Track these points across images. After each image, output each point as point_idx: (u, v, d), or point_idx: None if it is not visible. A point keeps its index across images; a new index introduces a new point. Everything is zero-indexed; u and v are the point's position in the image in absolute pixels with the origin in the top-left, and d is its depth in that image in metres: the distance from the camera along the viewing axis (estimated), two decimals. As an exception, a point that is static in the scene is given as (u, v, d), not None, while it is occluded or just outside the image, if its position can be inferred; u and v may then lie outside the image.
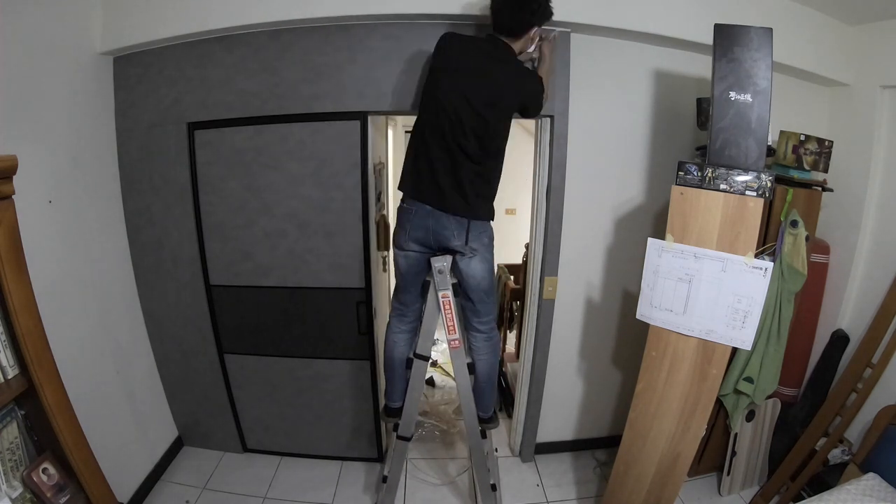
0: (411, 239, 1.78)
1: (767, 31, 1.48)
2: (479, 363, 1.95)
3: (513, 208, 4.67)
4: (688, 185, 1.57)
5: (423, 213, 1.73)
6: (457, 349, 1.88)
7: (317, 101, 2.07)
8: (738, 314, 1.55)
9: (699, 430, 1.71)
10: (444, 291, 1.78)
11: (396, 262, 1.86)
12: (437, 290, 1.78)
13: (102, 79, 2.10)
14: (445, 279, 1.76)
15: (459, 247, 1.75)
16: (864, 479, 1.82)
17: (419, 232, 1.75)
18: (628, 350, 2.51)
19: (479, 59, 1.68)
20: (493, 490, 2.10)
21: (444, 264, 1.75)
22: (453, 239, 1.73)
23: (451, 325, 1.83)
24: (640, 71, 2.18)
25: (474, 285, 1.81)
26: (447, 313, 1.81)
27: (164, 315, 2.42)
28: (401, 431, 2.04)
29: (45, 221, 1.78)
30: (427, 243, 1.78)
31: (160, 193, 2.25)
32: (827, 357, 2.36)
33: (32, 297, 1.27)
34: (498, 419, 2.16)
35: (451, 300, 1.79)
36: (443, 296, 1.78)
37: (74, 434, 1.37)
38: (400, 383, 1.99)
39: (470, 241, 1.73)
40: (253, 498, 2.36)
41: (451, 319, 1.82)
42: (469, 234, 1.73)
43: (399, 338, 1.97)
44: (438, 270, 1.75)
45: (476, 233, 1.75)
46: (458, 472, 2.58)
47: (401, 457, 2.08)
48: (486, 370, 1.96)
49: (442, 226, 1.72)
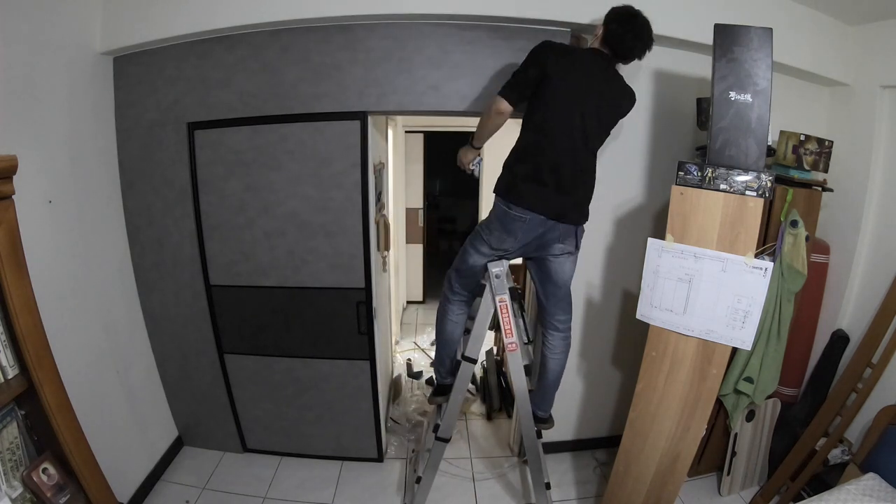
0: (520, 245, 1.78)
1: (767, 31, 1.48)
2: (553, 361, 1.96)
3: (513, 208, 4.66)
4: (688, 185, 1.57)
5: (537, 223, 1.72)
6: (514, 352, 1.89)
7: (317, 101, 2.07)
8: (738, 314, 1.55)
9: (699, 430, 1.71)
10: (502, 296, 1.80)
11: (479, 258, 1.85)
12: (495, 294, 1.80)
13: (102, 79, 2.10)
14: (503, 284, 1.79)
15: (561, 250, 1.77)
16: (864, 479, 1.82)
17: (529, 240, 1.76)
18: (628, 350, 2.51)
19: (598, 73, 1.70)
20: (548, 489, 2.12)
21: (502, 269, 1.79)
22: (559, 245, 1.76)
23: (508, 329, 1.85)
24: (640, 71, 2.18)
25: (563, 284, 1.85)
26: (504, 317, 1.82)
27: (164, 315, 2.42)
28: (440, 433, 2.05)
29: (45, 221, 1.78)
30: (528, 250, 1.80)
31: (160, 193, 2.25)
32: (827, 357, 2.36)
33: (32, 297, 1.27)
34: (553, 419, 2.17)
35: (508, 304, 1.81)
36: (500, 300, 1.81)
37: (74, 434, 1.37)
38: (454, 360, 2.03)
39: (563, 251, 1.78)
40: (253, 498, 2.36)
41: (508, 322, 1.83)
42: (577, 240, 1.79)
43: (461, 319, 2.01)
44: (496, 276, 1.77)
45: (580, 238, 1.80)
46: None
47: (437, 459, 2.09)
48: (557, 369, 1.98)
49: (554, 235, 1.75)
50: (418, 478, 2.15)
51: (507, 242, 1.77)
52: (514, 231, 1.74)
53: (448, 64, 2.03)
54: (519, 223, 1.72)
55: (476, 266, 1.86)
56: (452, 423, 2.04)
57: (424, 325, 4.60)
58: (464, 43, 2.01)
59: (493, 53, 2.03)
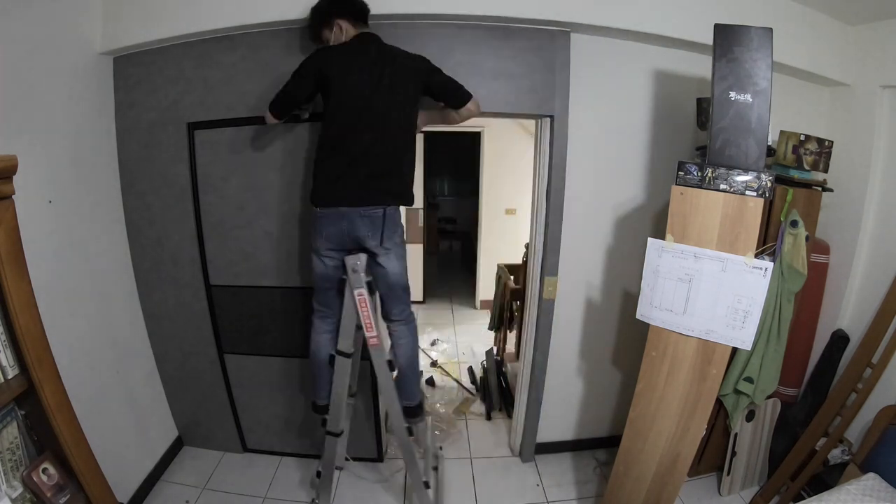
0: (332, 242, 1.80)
1: (767, 31, 1.48)
2: (400, 347, 1.98)
3: (513, 208, 4.67)
4: (688, 185, 1.57)
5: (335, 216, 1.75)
6: (376, 346, 1.87)
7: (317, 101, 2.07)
8: (738, 314, 1.55)
9: (699, 430, 1.71)
10: (360, 290, 1.78)
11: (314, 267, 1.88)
12: (353, 288, 1.79)
13: (102, 79, 2.10)
14: (360, 278, 1.77)
15: (374, 246, 1.77)
16: (864, 479, 1.82)
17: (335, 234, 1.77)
18: (628, 350, 2.51)
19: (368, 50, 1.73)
20: (427, 487, 2.10)
21: (359, 263, 1.76)
22: (371, 241, 1.77)
23: (368, 323, 1.82)
24: (641, 71, 2.18)
25: (392, 285, 1.85)
26: (363, 311, 1.80)
27: (164, 315, 2.42)
28: (329, 427, 2.06)
29: (45, 221, 1.78)
30: (343, 245, 1.80)
31: (160, 193, 2.25)
32: (827, 357, 2.36)
33: (32, 297, 1.27)
34: (424, 411, 2.14)
35: (366, 298, 1.79)
36: (358, 294, 1.79)
37: (74, 434, 1.37)
38: (325, 381, 2.03)
39: (384, 240, 1.76)
40: (253, 498, 2.36)
41: (367, 317, 1.81)
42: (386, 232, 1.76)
43: (323, 338, 1.99)
44: (353, 269, 1.76)
45: (389, 232, 1.78)
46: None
47: (332, 452, 2.10)
48: (409, 353, 1.99)
49: (359, 226, 1.75)
50: (318, 472, 2.16)
51: (318, 241, 1.80)
52: (320, 229, 1.78)
53: (448, 64, 2.02)
54: (322, 220, 1.77)
55: (318, 272, 1.87)
56: (339, 418, 2.03)
57: (425, 325, 4.60)
58: (464, 43, 2.02)
59: (493, 53, 2.03)
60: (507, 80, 2.05)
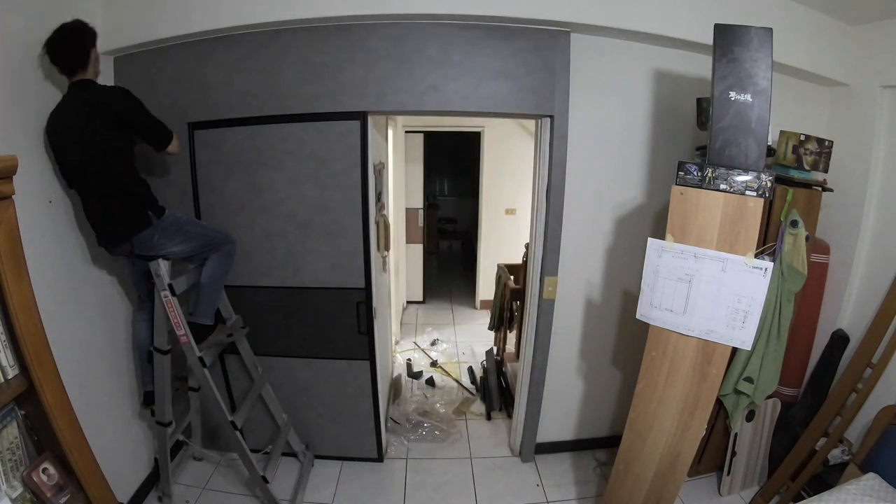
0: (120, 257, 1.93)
1: (767, 31, 1.47)
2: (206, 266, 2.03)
3: (513, 208, 4.67)
4: (688, 185, 1.57)
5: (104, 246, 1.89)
6: (186, 344, 1.92)
7: (317, 101, 2.07)
8: (738, 314, 1.55)
9: (699, 430, 1.71)
10: (164, 291, 1.85)
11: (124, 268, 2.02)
12: (159, 290, 1.85)
13: (103, 79, 2.09)
14: (163, 280, 1.83)
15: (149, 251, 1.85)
16: (864, 479, 1.82)
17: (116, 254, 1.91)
18: (628, 350, 2.51)
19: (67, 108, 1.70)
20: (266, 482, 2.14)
21: (163, 267, 1.84)
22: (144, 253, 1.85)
23: (176, 322, 1.89)
24: (640, 71, 2.18)
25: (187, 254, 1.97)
26: (170, 311, 1.87)
27: (165, 315, 2.41)
28: (158, 417, 2.11)
29: (45, 221, 1.78)
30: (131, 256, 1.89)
31: (160, 193, 2.23)
32: (827, 357, 2.36)
33: (32, 297, 1.27)
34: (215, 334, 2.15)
35: (171, 298, 1.85)
36: (163, 295, 1.85)
37: (74, 434, 1.37)
38: (148, 369, 2.09)
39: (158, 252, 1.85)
40: (253, 498, 2.36)
41: (175, 317, 1.88)
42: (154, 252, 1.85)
43: (140, 325, 2.10)
44: (156, 273, 1.83)
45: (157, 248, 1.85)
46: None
47: (163, 442, 2.14)
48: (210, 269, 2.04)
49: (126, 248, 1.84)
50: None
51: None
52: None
53: (448, 64, 2.03)
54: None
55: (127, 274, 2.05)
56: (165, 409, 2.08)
57: (424, 325, 4.60)
58: (464, 43, 2.02)
59: (493, 53, 2.03)
60: (507, 80, 2.05)
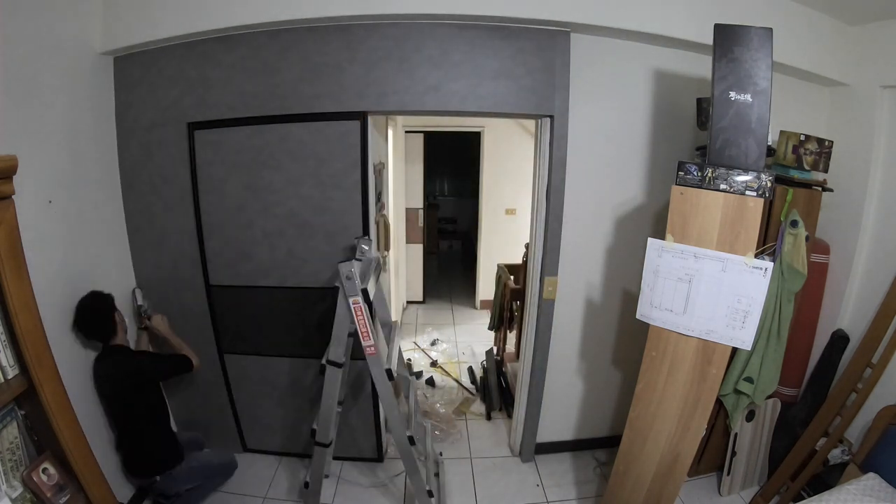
0: None
1: (767, 31, 1.48)
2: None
3: (513, 208, 4.67)
4: (688, 185, 1.57)
5: None
6: (373, 356, 1.80)
7: (317, 101, 2.07)
8: (738, 314, 1.55)
9: (699, 430, 1.71)
10: (355, 297, 1.69)
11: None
12: (348, 296, 1.70)
13: (102, 79, 2.10)
14: (355, 285, 1.67)
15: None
16: (864, 479, 1.82)
17: None
18: (628, 350, 2.51)
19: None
20: (430, 496, 2.07)
21: (353, 270, 1.66)
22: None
23: (364, 332, 1.75)
24: (640, 71, 2.18)
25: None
26: (359, 319, 1.72)
27: (165, 315, 2.41)
28: (318, 438, 2.02)
29: (45, 221, 1.78)
30: None
31: (160, 193, 2.25)
32: (827, 357, 2.36)
33: (32, 297, 1.27)
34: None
35: (362, 306, 1.71)
36: (353, 302, 1.70)
37: (74, 434, 1.38)
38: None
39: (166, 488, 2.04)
40: (253, 498, 2.36)
41: (364, 326, 1.73)
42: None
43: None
44: (347, 276, 1.66)
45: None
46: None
47: (320, 463, 2.06)
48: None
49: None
50: (306, 483, 2.12)
51: None
52: None
53: (448, 64, 2.03)
54: None
55: None
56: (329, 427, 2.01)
57: (424, 325, 4.60)
58: (464, 43, 2.02)
59: (493, 53, 2.03)
60: (507, 80, 2.05)
